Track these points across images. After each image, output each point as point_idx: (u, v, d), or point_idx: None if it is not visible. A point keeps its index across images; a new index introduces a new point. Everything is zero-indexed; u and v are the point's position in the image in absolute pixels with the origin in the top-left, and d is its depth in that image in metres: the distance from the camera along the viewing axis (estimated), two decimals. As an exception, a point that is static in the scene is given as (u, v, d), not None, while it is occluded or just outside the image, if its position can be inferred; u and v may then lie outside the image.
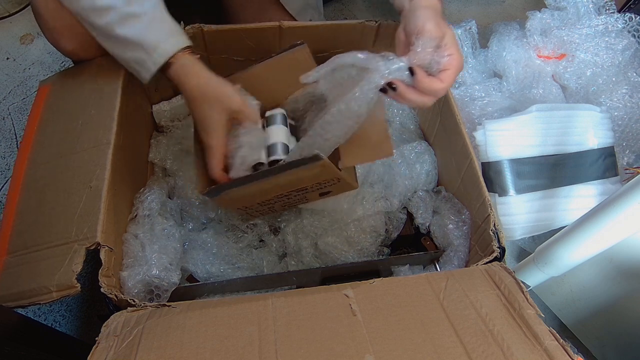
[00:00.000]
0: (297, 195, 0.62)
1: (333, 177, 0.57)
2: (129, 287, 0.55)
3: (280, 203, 0.64)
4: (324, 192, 0.62)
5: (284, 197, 0.62)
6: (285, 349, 0.43)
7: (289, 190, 0.60)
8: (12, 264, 0.54)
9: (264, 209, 0.66)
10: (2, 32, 1.21)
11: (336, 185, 0.60)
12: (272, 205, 0.65)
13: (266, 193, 0.60)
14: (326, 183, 0.59)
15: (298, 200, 0.64)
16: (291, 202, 0.65)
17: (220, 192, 0.58)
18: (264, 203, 0.63)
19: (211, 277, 0.67)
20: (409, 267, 0.67)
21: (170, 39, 0.57)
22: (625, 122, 0.89)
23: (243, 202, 0.62)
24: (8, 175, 0.95)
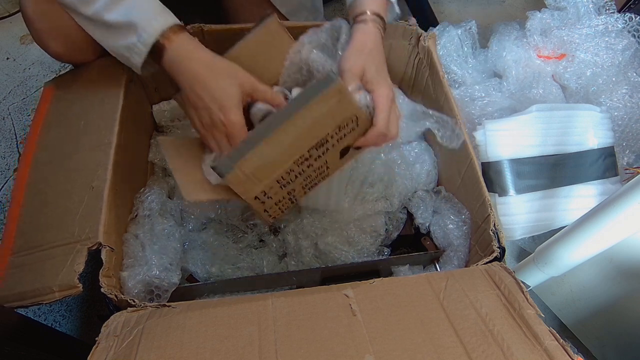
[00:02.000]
0: (318, 161, 0.57)
1: (351, 114, 0.53)
2: (129, 287, 0.55)
3: (301, 180, 0.58)
4: (344, 149, 0.58)
5: (304, 163, 0.56)
6: (285, 349, 0.43)
7: (310, 147, 0.54)
8: (16, 264, 0.54)
9: (283, 193, 0.59)
10: (2, 32, 1.21)
11: (355, 132, 0.56)
12: (292, 187, 0.58)
13: (286, 155, 0.54)
14: (345, 126, 0.55)
15: (319, 170, 0.59)
16: (312, 177, 0.59)
17: (237, 158, 0.51)
18: (284, 181, 0.56)
19: (211, 277, 0.67)
20: (409, 267, 0.67)
21: (159, 17, 0.56)
22: (625, 122, 0.89)
23: (261, 176, 0.54)
24: (8, 175, 0.95)
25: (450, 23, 1.03)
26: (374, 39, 0.59)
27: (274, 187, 0.56)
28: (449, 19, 1.29)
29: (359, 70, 0.56)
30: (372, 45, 0.58)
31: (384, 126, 0.56)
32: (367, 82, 0.57)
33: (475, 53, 1.04)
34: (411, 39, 0.78)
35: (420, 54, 0.77)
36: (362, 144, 0.57)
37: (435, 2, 1.30)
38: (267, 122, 0.51)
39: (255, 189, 0.55)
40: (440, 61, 0.73)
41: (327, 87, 0.50)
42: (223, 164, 0.51)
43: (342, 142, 0.57)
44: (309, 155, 0.55)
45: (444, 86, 0.70)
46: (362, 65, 0.56)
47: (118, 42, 0.58)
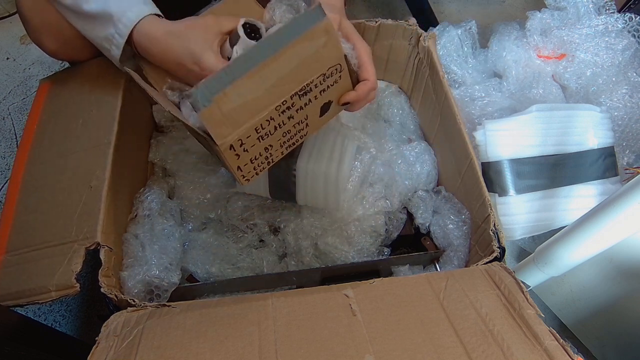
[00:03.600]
0: (299, 114, 0.53)
1: (336, 61, 0.51)
2: (129, 287, 0.55)
3: (279, 135, 0.54)
4: (325, 105, 0.55)
5: (286, 113, 0.51)
6: (285, 349, 0.43)
7: (293, 93, 0.50)
8: (10, 262, 0.54)
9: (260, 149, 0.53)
10: (2, 32, 1.21)
11: (338, 86, 0.54)
12: (270, 142, 0.54)
13: (268, 97, 0.49)
14: (330, 76, 0.52)
15: (299, 126, 0.55)
16: (291, 134, 0.55)
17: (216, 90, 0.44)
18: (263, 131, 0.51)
19: (211, 277, 0.67)
20: (409, 267, 0.67)
21: (134, 7, 0.55)
22: (625, 122, 0.89)
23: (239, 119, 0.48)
24: (8, 175, 0.95)
25: (450, 23, 1.03)
26: (340, 5, 0.58)
27: (251, 137, 0.51)
28: (449, 19, 1.29)
29: (337, 19, 0.54)
30: (340, 5, 0.57)
31: (375, 79, 0.55)
32: (346, 36, 0.55)
33: (475, 53, 1.04)
34: (411, 39, 0.78)
35: (420, 54, 0.77)
36: (353, 99, 0.55)
37: (435, 2, 1.30)
38: (249, 55, 0.46)
39: (232, 135, 0.49)
40: (440, 61, 0.73)
41: (315, 23, 0.46)
42: (201, 94, 0.44)
43: (324, 95, 0.54)
44: (292, 104, 0.51)
45: (444, 86, 0.70)
46: (338, 17, 0.54)
47: (97, 33, 0.57)
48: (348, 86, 0.56)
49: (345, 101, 0.55)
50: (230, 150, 0.50)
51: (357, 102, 0.56)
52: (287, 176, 0.65)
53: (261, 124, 0.50)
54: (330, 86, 0.53)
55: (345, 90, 0.56)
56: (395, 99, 0.84)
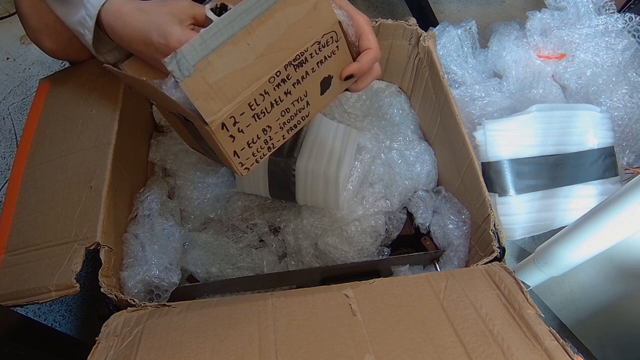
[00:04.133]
0: (297, 89, 0.49)
1: (330, 27, 0.47)
2: (129, 287, 0.55)
3: (277, 113, 0.49)
4: (325, 80, 0.51)
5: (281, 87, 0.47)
6: (285, 349, 0.43)
7: (286, 62, 0.45)
8: (10, 262, 0.54)
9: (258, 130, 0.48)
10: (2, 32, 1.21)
11: (337, 58, 0.50)
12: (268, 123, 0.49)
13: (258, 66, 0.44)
14: (326, 45, 0.48)
15: (299, 104, 0.50)
16: (291, 113, 0.50)
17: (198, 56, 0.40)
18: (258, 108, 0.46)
19: (211, 277, 0.67)
20: (409, 267, 0.67)
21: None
22: (625, 122, 0.89)
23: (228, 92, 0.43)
24: (8, 175, 0.95)
25: (450, 23, 1.03)
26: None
27: (245, 114, 0.45)
28: (449, 19, 1.29)
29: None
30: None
31: (378, 48, 0.51)
32: (341, 6, 0.51)
33: (475, 53, 1.04)
34: (411, 39, 0.78)
35: (420, 54, 0.77)
36: (356, 71, 0.51)
37: (435, 2, 1.30)
38: (231, 16, 0.41)
39: (223, 110, 0.43)
40: (440, 61, 0.73)
41: None
42: (181, 60, 0.39)
43: (323, 68, 0.49)
44: (287, 76, 0.46)
45: (444, 86, 0.70)
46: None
47: (72, 18, 0.55)
48: (348, 59, 0.52)
49: (348, 74, 0.51)
50: (222, 130, 0.44)
51: (361, 75, 0.52)
52: (287, 176, 0.65)
53: (255, 99, 0.45)
54: (328, 57, 0.49)
55: (346, 64, 0.52)
56: (395, 99, 0.84)
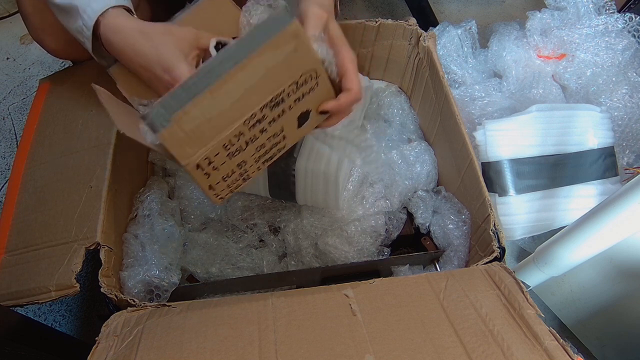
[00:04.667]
0: (273, 126, 0.48)
1: (310, 67, 0.46)
2: (129, 287, 0.55)
3: (252, 150, 0.49)
4: (302, 115, 0.50)
5: (257, 127, 0.47)
6: (285, 349, 0.43)
7: (263, 105, 0.45)
8: (10, 262, 0.54)
9: (232, 165, 0.49)
10: (2, 32, 1.21)
11: (315, 93, 0.49)
12: (243, 158, 0.49)
13: (234, 110, 0.44)
14: (304, 83, 0.47)
15: (275, 139, 0.51)
16: (266, 148, 0.51)
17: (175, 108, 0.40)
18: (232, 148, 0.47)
19: (211, 277, 0.67)
20: (409, 267, 0.67)
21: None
22: (625, 122, 0.89)
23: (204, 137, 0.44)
24: (8, 175, 0.95)
25: (450, 23, 1.03)
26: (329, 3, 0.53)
27: (220, 154, 0.46)
28: (449, 19, 1.29)
29: (324, 17, 0.50)
30: (329, 3, 0.52)
31: (359, 90, 0.50)
32: (332, 39, 0.51)
33: (475, 53, 1.04)
34: (411, 39, 0.78)
35: (420, 54, 0.77)
36: (333, 108, 0.50)
37: (435, 2, 1.30)
38: (210, 66, 0.42)
39: (198, 153, 0.44)
40: (440, 61, 0.73)
41: (281, 28, 0.42)
42: (157, 114, 0.40)
43: (300, 105, 0.49)
44: (262, 116, 0.46)
45: (444, 86, 0.70)
46: (325, 15, 0.50)
47: (70, 25, 0.54)
48: (328, 94, 0.51)
49: (324, 109, 0.51)
50: (198, 170, 0.46)
51: (338, 113, 0.52)
52: (287, 176, 0.65)
53: (230, 140, 0.46)
54: (306, 94, 0.48)
55: (325, 99, 0.51)
56: (395, 99, 0.84)
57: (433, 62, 0.73)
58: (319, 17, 0.50)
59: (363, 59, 0.84)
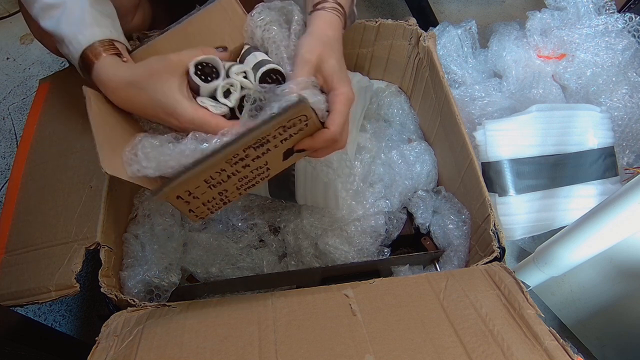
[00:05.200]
0: (256, 162, 0.49)
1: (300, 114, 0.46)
2: (129, 287, 0.55)
3: (235, 180, 0.50)
4: (289, 150, 0.50)
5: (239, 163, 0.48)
6: (285, 349, 0.43)
7: (247, 147, 0.46)
8: (10, 262, 0.54)
9: (214, 194, 0.50)
10: (2, 32, 1.21)
11: (303, 132, 0.48)
12: (224, 188, 0.50)
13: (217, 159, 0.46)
14: (293, 126, 0.47)
15: (258, 171, 0.51)
16: (249, 178, 0.51)
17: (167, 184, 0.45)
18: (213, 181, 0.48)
19: (211, 277, 0.67)
20: (409, 267, 0.67)
21: (86, 30, 0.50)
22: (625, 122, 0.89)
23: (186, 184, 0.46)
24: (8, 175, 0.95)
25: (450, 23, 1.03)
26: (335, 28, 0.52)
27: (201, 187, 0.47)
28: (449, 19, 1.29)
29: (316, 59, 0.49)
30: (333, 34, 0.51)
31: (337, 131, 0.48)
32: (326, 77, 0.50)
33: (475, 53, 1.04)
34: (411, 39, 0.78)
35: (420, 54, 0.77)
36: (308, 147, 0.49)
37: (435, 2, 1.30)
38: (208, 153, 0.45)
39: (178, 189, 0.46)
40: (440, 61, 0.73)
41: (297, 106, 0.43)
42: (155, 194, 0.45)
43: (286, 143, 0.49)
44: (245, 155, 0.47)
45: (444, 86, 0.70)
46: (319, 54, 0.49)
47: (62, 49, 0.53)
48: (313, 129, 0.50)
49: (299, 148, 0.49)
50: (178, 200, 0.47)
51: (314, 151, 0.50)
52: (286, 176, 0.65)
53: (211, 176, 0.47)
54: (294, 134, 0.48)
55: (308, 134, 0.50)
56: (395, 99, 0.84)
57: (433, 62, 0.73)
58: (308, 61, 0.49)
59: (363, 59, 0.84)
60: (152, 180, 0.48)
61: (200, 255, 0.68)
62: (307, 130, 0.48)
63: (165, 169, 0.46)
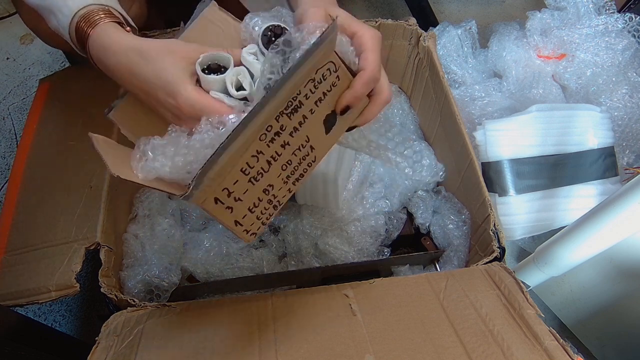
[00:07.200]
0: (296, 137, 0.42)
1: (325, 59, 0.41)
2: (129, 287, 0.55)
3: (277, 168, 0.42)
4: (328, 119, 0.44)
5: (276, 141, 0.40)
6: (285, 349, 0.43)
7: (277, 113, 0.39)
8: (10, 262, 0.54)
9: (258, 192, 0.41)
10: (2, 32, 1.21)
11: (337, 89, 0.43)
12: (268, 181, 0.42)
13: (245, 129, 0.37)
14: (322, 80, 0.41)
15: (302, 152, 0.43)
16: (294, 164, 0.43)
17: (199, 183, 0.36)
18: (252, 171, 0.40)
19: (211, 277, 0.67)
20: (409, 267, 0.67)
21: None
22: (625, 122, 0.89)
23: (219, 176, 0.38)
24: (8, 175, 0.95)
25: (450, 23, 1.03)
26: None
27: (240, 181, 0.39)
28: (449, 19, 1.29)
29: (324, 12, 0.45)
30: None
31: (374, 69, 0.42)
32: (342, 25, 0.44)
33: (475, 53, 1.04)
34: (411, 39, 0.78)
35: (420, 54, 0.77)
36: (350, 100, 0.43)
37: (435, 2, 1.30)
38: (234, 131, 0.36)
39: (214, 187, 0.38)
40: (440, 61, 0.73)
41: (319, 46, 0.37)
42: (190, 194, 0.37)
43: (323, 106, 0.42)
44: (281, 127, 0.39)
45: (444, 86, 0.70)
46: (325, 8, 0.46)
47: (49, 24, 0.49)
48: (345, 81, 0.44)
49: (342, 108, 0.43)
50: (217, 205, 0.39)
51: (358, 103, 0.44)
52: (287, 176, 0.65)
53: (247, 163, 0.39)
54: (328, 92, 0.42)
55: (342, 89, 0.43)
56: (395, 99, 0.84)
57: (433, 62, 0.73)
58: (315, 14, 0.45)
59: (363, 59, 0.84)
60: (169, 183, 0.42)
61: (200, 255, 0.68)
62: (340, 84, 0.43)
63: (183, 167, 0.40)
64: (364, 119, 0.47)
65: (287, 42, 0.41)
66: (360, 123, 0.47)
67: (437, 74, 0.72)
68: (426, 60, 0.76)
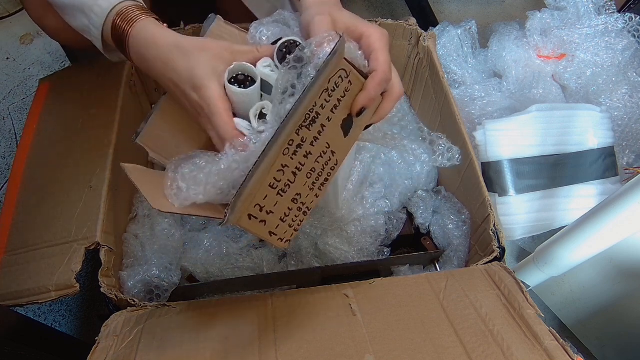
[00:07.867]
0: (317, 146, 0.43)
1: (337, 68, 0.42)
2: (129, 287, 0.55)
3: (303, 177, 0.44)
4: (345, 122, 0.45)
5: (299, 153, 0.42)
6: (285, 349, 0.43)
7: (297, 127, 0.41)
8: (10, 262, 0.54)
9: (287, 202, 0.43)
10: (2, 32, 1.21)
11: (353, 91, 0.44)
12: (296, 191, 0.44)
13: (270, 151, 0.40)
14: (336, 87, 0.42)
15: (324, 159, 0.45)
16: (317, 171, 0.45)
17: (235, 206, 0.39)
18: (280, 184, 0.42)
19: (211, 277, 0.67)
20: (409, 267, 0.67)
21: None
22: (625, 122, 0.89)
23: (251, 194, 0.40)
24: (8, 175, 0.95)
25: (450, 23, 1.03)
26: None
27: (269, 196, 0.41)
28: (449, 19, 1.29)
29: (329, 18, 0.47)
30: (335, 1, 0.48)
31: (385, 69, 0.43)
32: (348, 27, 0.46)
33: (475, 53, 1.04)
34: (411, 39, 0.78)
35: (420, 54, 0.77)
36: (364, 102, 0.44)
37: (435, 2, 1.30)
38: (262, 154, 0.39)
39: (248, 206, 0.40)
40: (440, 61, 0.73)
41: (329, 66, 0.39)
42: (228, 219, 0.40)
43: (339, 112, 0.44)
44: (302, 139, 0.41)
45: (444, 86, 0.70)
46: (329, 12, 0.47)
47: (77, 23, 0.50)
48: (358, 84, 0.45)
49: (357, 110, 0.44)
50: (250, 221, 0.41)
51: (372, 104, 0.45)
52: (287, 176, 0.65)
53: (274, 178, 0.41)
54: (342, 98, 0.43)
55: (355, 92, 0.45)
56: (395, 99, 0.84)
57: (433, 62, 0.73)
58: (321, 21, 0.47)
59: (363, 59, 0.84)
60: (203, 206, 0.44)
61: (200, 255, 0.68)
62: (353, 89, 0.44)
63: (215, 191, 0.42)
64: (378, 116, 0.48)
65: (298, 59, 0.43)
66: (375, 121, 0.49)
67: (437, 74, 0.72)
68: (426, 60, 0.76)
